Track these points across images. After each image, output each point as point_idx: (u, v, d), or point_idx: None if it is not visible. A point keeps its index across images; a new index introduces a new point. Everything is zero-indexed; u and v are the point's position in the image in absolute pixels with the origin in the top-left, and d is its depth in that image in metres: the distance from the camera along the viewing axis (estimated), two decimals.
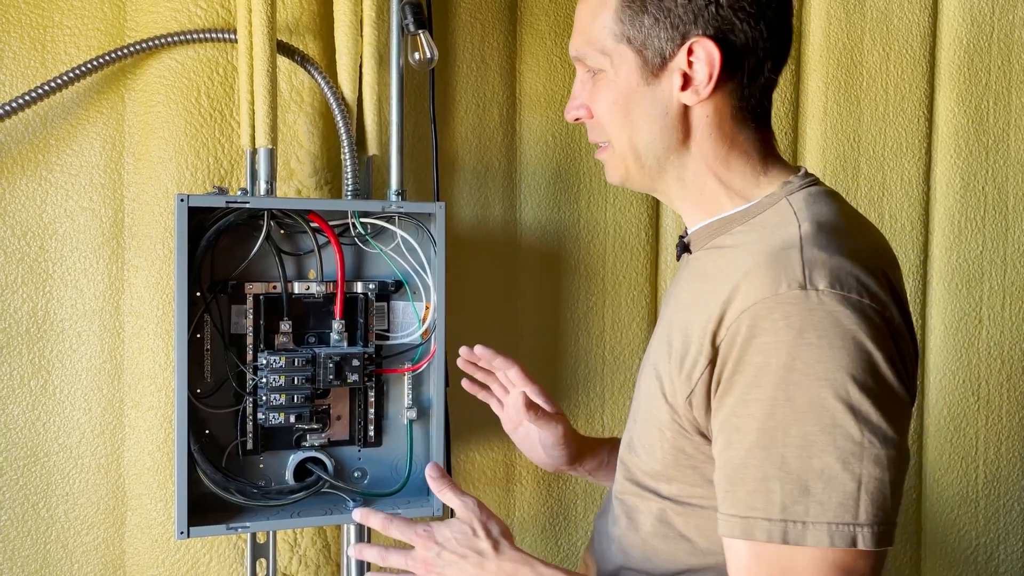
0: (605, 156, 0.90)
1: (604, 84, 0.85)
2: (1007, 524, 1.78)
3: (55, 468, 1.29)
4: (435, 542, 0.88)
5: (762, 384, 0.71)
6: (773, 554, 0.71)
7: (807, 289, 0.71)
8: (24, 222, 1.27)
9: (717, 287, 0.77)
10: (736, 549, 0.74)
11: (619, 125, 0.85)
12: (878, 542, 0.69)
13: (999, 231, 1.76)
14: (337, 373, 1.20)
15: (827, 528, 0.69)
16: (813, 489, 0.69)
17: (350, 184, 1.27)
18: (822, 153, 1.65)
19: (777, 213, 0.81)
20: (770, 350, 0.71)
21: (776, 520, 0.70)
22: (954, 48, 1.72)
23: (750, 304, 0.72)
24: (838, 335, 0.70)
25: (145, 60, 1.28)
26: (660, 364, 0.84)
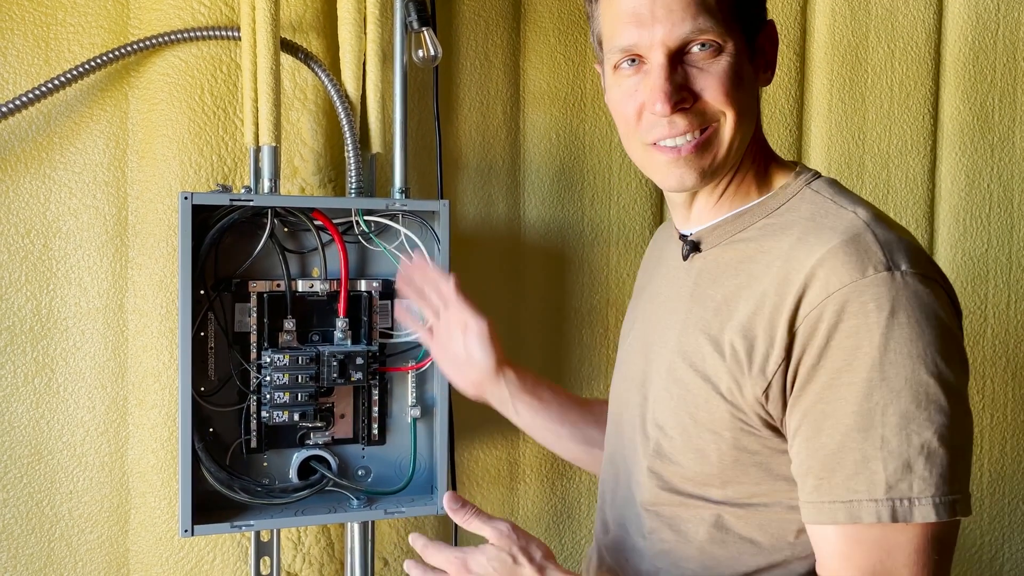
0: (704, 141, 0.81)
1: (723, 62, 0.80)
2: (1012, 523, 1.78)
3: (59, 466, 1.29)
4: (468, 570, 0.83)
5: (855, 367, 0.72)
6: (877, 535, 0.72)
7: (892, 271, 0.72)
8: (28, 220, 1.27)
9: (770, 277, 0.77)
10: (831, 537, 0.74)
11: (739, 100, 0.81)
12: (969, 508, 0.72)
13: (1004, 229, 1.75)
14: (341, 371, 1.20)
15: (931, 501, 0.70)
16: (915, 466, 0.70)
17: (354, 182, 1.27)
18: (827, 150, 1.65)
19: (807, 202, 0.82)
20: (862, 333, 0.71)
21: (883, 500, 0.71)
22: (959, 45, 1.71)
23: (834, 290, 0.73)
24: (924, 314, 0.72)
25: (148, 58, 1.28)
26: (707, 365, 0.81)
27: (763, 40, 0.85)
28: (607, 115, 1.54)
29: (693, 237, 0.89)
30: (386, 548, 1.44)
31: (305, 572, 1.35)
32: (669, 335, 0.88)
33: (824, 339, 0.73)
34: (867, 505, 0.71)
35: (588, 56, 1.53)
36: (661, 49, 0.79)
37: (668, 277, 0.94)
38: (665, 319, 0.90)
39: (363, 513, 1.24)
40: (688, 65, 0.80)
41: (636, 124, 0.83)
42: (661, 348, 0.89)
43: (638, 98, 0.81)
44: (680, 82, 0.79)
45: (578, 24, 1.52)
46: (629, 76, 0.82)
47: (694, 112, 0.80)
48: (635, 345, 0.97)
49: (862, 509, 0.72)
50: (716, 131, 0.81)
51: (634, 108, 0.82)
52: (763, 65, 0.85)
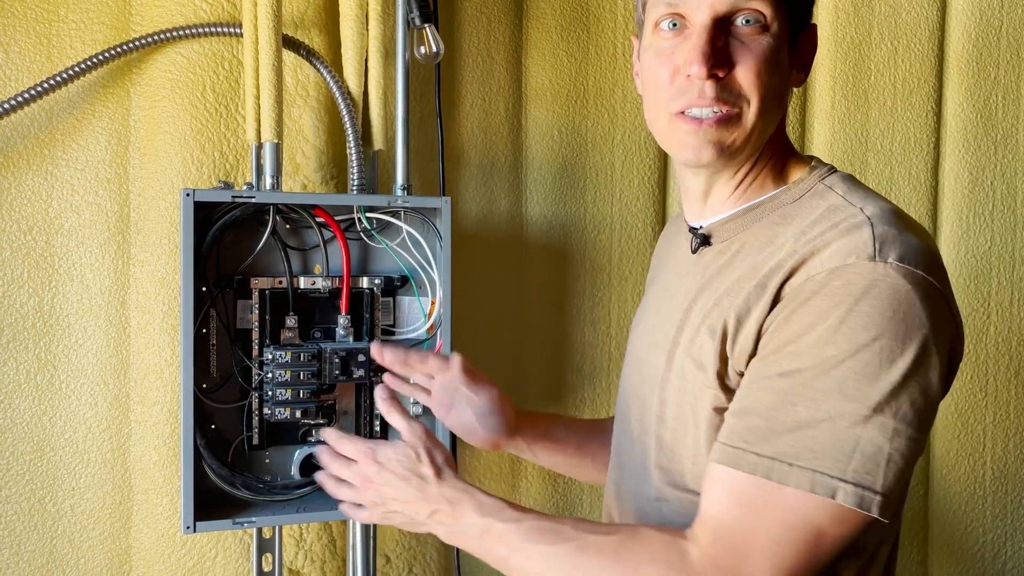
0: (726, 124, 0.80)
1: (766, 41, 0.79)
2: (1014, 520, 1.77)
3: (61, 463, 1.29)
4: (375, 460, 0.89)
5: (802, 340, 0.72)
6: (753, 490, 0.71)
7: (875, 261, 0.71)
8: (30, 217, 1.27)
9: (769, 268, 0.78)
10: (716, 478, 0.75)
11: (767, 88, 0.79)
12: (859, 501, 0.69)
13: (1008, 226, 1.75)
14: (343, 368, 1.20)
15: (811, 474, 0.69)
16: (810, 435, 0.70)
17: (356, 179, 1.27)
18: (830, 148, 1.65)
19: (819, 197, 0.82)
20: (821, 312, 0.72)
21: (765, 456, 0.71)
22: (963, 42, 1.71)
23: (815, 273, 0.73)
24: (893, 306, 0.70)
25: (150, 55, 1.28)
26: (704, 355, 0.81)
27: (803, 40, 0.85)
28: (609, 112, 1.54)
29: (704, 231, 0.89)
30: (388, 545, 1.44)
31: (307, 569, 1.35)
32: (672, 328, 0.88)
33: (790, 311, 0.74)
34: (749, 456, 0.72)
35: (590, 53, 1.53)
36: (708, 10, 0.78)
37: (677, 271, 0.94)
38: (672, 312, 0.90)
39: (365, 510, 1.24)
40: (731, 36, 0.79)
41: (667, 89, 0.81)
42: (666, 342, 0.89)
43: (674, 61, 0.80)
44: (721, 47, 0.78)
45: (580, 20, 1.52)
46: (668, 38, 0.81)
47: (724, 86, 0.79)
48: (643, 339, 0.97)
49: (744, 458, 0.72)
50: (740, 114, 0.80)
51: (668, 72, 0.81)
52: (798, 64, 0.85)
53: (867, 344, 0.70)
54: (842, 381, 0.70)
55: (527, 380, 1.51)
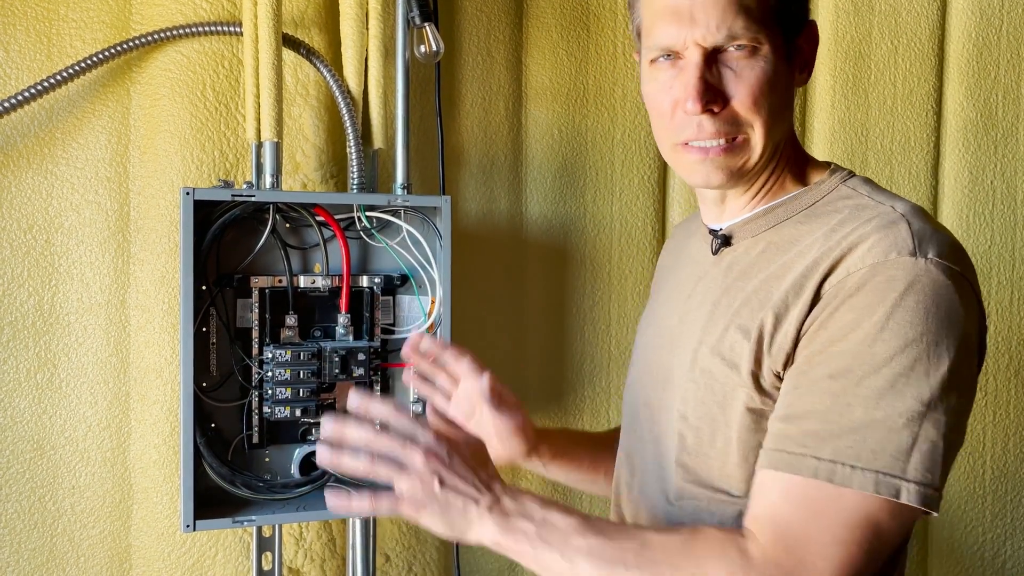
0: (733, 152, 0.82)
1: (758, 65, 0.80)
2: (1014, 520, 1.77)
3: (61, 461, 1.29)
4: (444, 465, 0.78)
5: (848, 338, 0.72)
6: (812, 493, 0.71)
7: (916, 256, 0.73)
8: (30, 216, 1.27)
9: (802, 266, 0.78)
10: (770, 484, 0.74)
11: (769, 109, 0.80)
12: (921, 499, 0.70)
13: (1008, 226, 1.75)
14: (343, 367, 1.20)
15: (874, 476, 0.70)
16: (870, 437, 0.70)
17: (355, 178, 1.27)
18: (830, 147, 1.64)
19: (844, 198, 0.82)
20: (865, 309, 0.72)
21: (825, 460, 0.71)
22: (963, 42, 1.71)
23: (856, 269, 0.74)
24: (936, 302, 0.72)
25: (150, 53, 1.28)
26: (735, 354, 0.81)
27: (803, 41, 0.85)
28: (609, 111, 1.54)
29: (724, 231, 0.89)
30: (388, 544, 1.44)
31: (307, 567, 1.35)
32: (696, 328, 0.87)
33: (832, 309, 0.74)
34: (809, 461, 0.72)
35: (590, 52, 1.53)
36: (697, 48, 0.79)
37: (695, 273, 0.94)
38: (692, 313, 0.90)
39: None
40: (723, 65, 0.80)
41: (670, 120, 0.83)
42: (687, 341, 0.88)
43: (673, 94, 0.82)
44: (713, 83, 0.80)
45: (580, 20, 1.52)
46: (665, 70, 0.83)
47: (723, 118, 0.80)
48: (656, 340, 0.96)
49: (804, 463, 0.72)
50: (747, 140, 0.82)
51: (669, 103, 0.83)
52: (800, 65, 0.86)
53: (915, 340, 0.71)
54: (894, 379, 0.71)
55: (527, 379, 1.51)
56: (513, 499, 0.78)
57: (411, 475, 0.77)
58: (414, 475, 0.77)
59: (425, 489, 0.76)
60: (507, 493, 0.79)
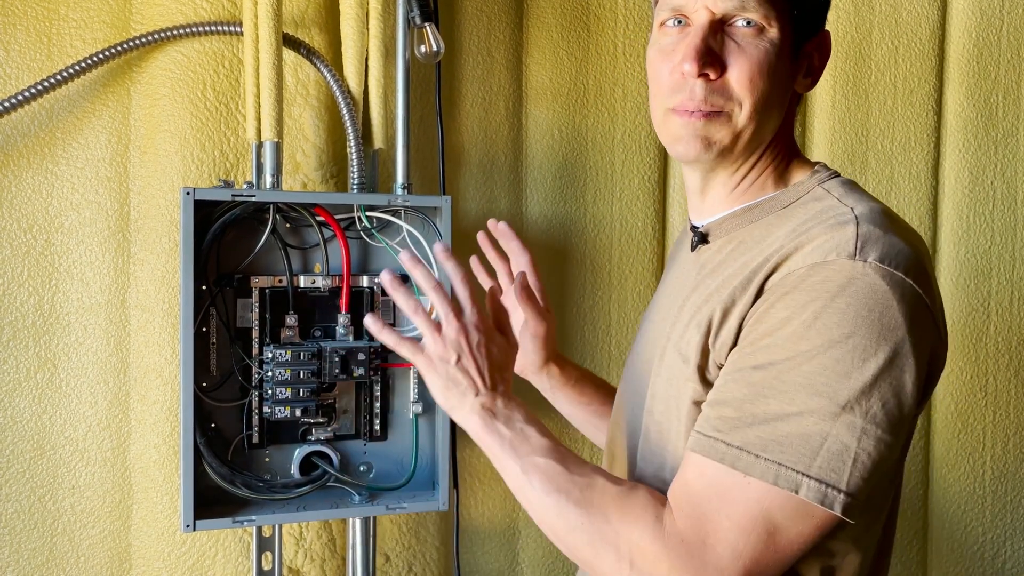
0: (714, 126, 0.81)
1: (761, 45, 0.80)
2: (1014, 520, 1.77)
3: (61, 461, 1.29)
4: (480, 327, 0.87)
5: (777, 333, 0.73)
6: (720, 477, 0.72)
7: (855, 259, 0.72)
8: (30, 215, 1.27)
9: (756, 265, 0.78)
10: (688, 463, 0.76)
11: (761, 94, 0.80)
12: (822, 498, 0.69)
13: (1008, 226, 1.75)
14: (343, 367, 1.20)
15: (775, 467, 0.70)
16: (778, 430, 0.71)
17: (356, 177, 1.27)
18: (830, 147, 1.64)
19: (814, 199, 0.83)
20: (798, 307, 0.72)
21: (733, 447, 0.72)
22: (963, 42, 1.71)
23: (796, 268, 0.74)
24: (869, 306, 0.70)
25: (151, 53, 1.28)
26: (690, 348, 0.82)
27: (812, 46, 0.85)
28: (609, 111, 1.54)
29: (702, 229, 0.90)
30: (388, 544, 1.44)
31: (307, 567, 1.35)
32: (667, 325, 0.89)
33: (769, 305, 0.75)
34: (719, 445, 0.73)
35: (591, 52, 1.53)
36: (706, 12, 0.80)
37: (678, 270, 0.96)
38: (667, 309, 0.91)
39: (365, 509, 1.24)
40: (728, 36, 0.80)
41: (665, 84, 0.83)
42: (660, 337, 0.90)
43: (674, 58, 0.82)
44: (714, 48, 0.80)
45: (581, 20, 1.52)
46: (671, 35, 0.83)
47: (715, 87, 0.80)
48: (644, 336, 0.98)
49: (714, 447, 0.73)
50: (730, 116, 0.81)
51: (668, 68, 0.83)
52: (805, 70, 0.86)
53: (839, 341, 0.70)
54: (813, 376, 0.70)
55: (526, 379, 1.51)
56: (505, 405, 0.85)
57: (438, 339, 0.85)
58: (439, 341, 0.85)
59: (441, 357, 0.85)
60: (503, 398, 0.85)
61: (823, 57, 0.87)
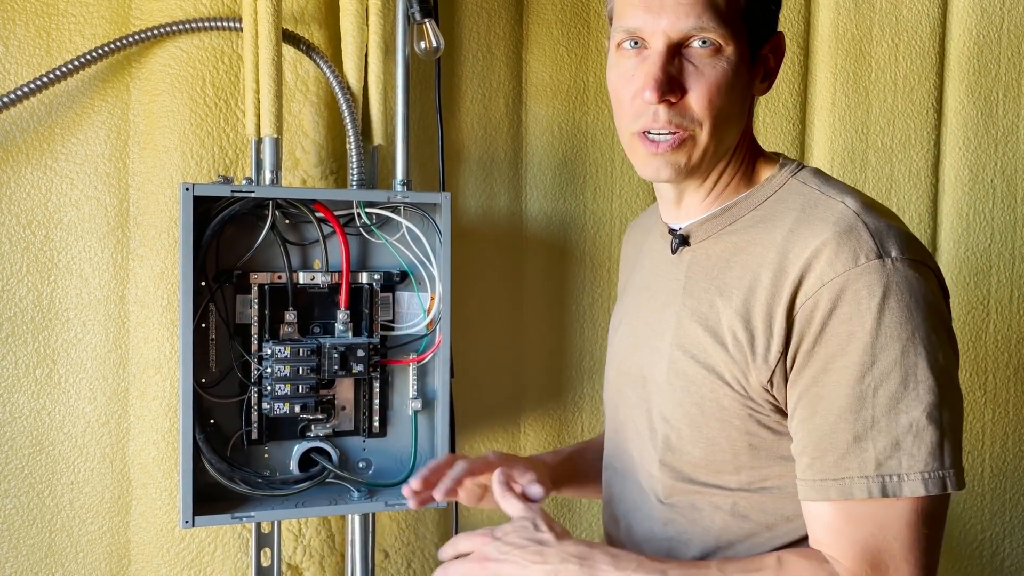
0: (679, 148, 0.83)
1: (720, 65, 0.81)
2: (1013, 519, 1.77)
3: (60, 457, 1.29)
4: (492, 536, 0.83)
5: (848, 352, 0.75)
6: (869, 510, 0.75)
7: (883, 258, 0.75)
8: (29, 211, 1.27)
9: (764, 268, 0.80)
10: (825, 513, 0.77)
11: (720, 111, 0.82)
12: (960, 482, 0.76)
13: (1008, 224, 1.75)
14: (342, 363, 1.20)
15: (920, 477, 0.74)
16: (904, 444, 0.74)
17: (355, 174, 1.27)
18: (830, 144, 1.64)
19: (795, 193, 0.84)
20: (854, 319, 0.75)
21: (873, 476, 0.74)
22: (964, 39, 1.70)
23: (829, 279, 0.76)
24: (914, 298, 0.75)
25: (150, 49, 1.28)
26: (708, 356, 0.83)
27: (768, 50, 0.87)
28: (609, 108, 1.53)
29: (682, 231, 0.90)
30: (387, 540, 1.44)
31: (306, 564, 1.35)
32: (665, 329, 0.89)
33: (820, 325, 0.76)
34: (858, 482, 0.75)
35: (591, 48, 1.53)
36: (663, 37, 0.81)
37: (655, 272, 0.95)
38: (657, 313, 0.91)
39: (364, 505, 1.24)
40: (686, 59, 0.82)
41: (628, 109, 0.85)
42: (657, 342, 0.89)
43: (634, 83, 0.83)
44: (673, 74, 0.81)
45: (581, 16, 1.52)
46: (630, 58, 0.84)
47: (677, 111, 0.82)
48: (626, 341, 0.98)
49: (854, 486, 0.75)
50: (692, 136, 0.83)
51: (629, 93, 0.84)
52: (762, 74, 0.87)
53: (909, 339, 0.74)
54: (905, 381, 0.74)
55: (526, 376, 1.51)
56: (580, 564, 0.79)
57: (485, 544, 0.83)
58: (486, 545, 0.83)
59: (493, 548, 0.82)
60: (570, 559, 0.79)
61: (778, 58, 0.89)
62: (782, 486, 0.83)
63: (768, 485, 0.84)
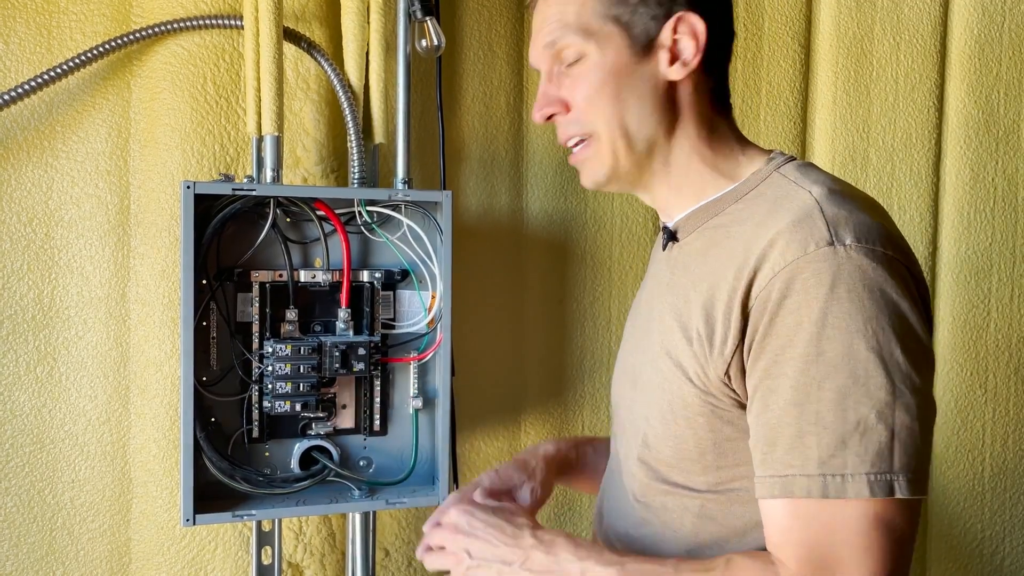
0: (587, 152, 0.87)
1: (588, 69, 0.84)
2: (1013, 517, 1.77)
3: (61, 455, 1.29)
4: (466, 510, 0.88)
5: (795, 343, 0.71)
6: (813, 510, 0.71)
7: (835, 245, 0.71)
8: (30, 209, 1.27)
9: (731, 261, 0.78)
10: (774, 511, 0.73)
11: (609, 108, 0.84)
12: (914, 489, 0.70)
13: (1008, 223, 1.75)
14: (343, 362, 1.20)
15: (866, 479, 0.69)
16: (850, 442, 0.70)
17: (356, 172, 1.27)
18: (831, 143, 1.64)
19: (773, 186, 0.82)
20: (802, 309, 0.71)
21: (815, 475, 0.70)
22: (965, 38, 1.70)
23: (779, 268, 0.73)
24: (866, 288, 0.70)
25: (151, 46, 1.28)
26: (678, 351, 0.82)
27: (665, 35, 0.84)
28: None
29: (672, 227, 0.91)
30: (387, 538, 1.44)
31: (306, 562, 1.35)
32: (652, 328, 0.89)
33: (771, 316, 0.73)
34: (800, 480, 0.71)
35: None
36: (539, 65, 0.89)
37: (652, 270, 0.97)
38: (649, 310, 0.92)
39: (364, 503, 1.24)
40: (561, 76, 0.87)
41: None
42: (647, 339, 0.90)
43: None
44: (553, 93, 0.87)
45: None
46: None
47: (568, 120, 0.87)
48: (627, 343, 0.99)
49: (795, 484, 0.71)
50: (593, 139, 0.86)
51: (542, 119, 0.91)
52: (669, 58, 0.84)
53: (859, 330, 0.70)
54: (853, 376, 0.70)
55: (527, 375, 1.51)
56: (547, 552, 0.82)
57: (446, 555, 0.88)
58: (448, 555, 0.87)
59: (460, 566, 0.86)
60: (540, 545, 0.83)
61: (691, 36, 0.84)
62: (749, 488, 0.80)
63: (735, 487, 0.82)
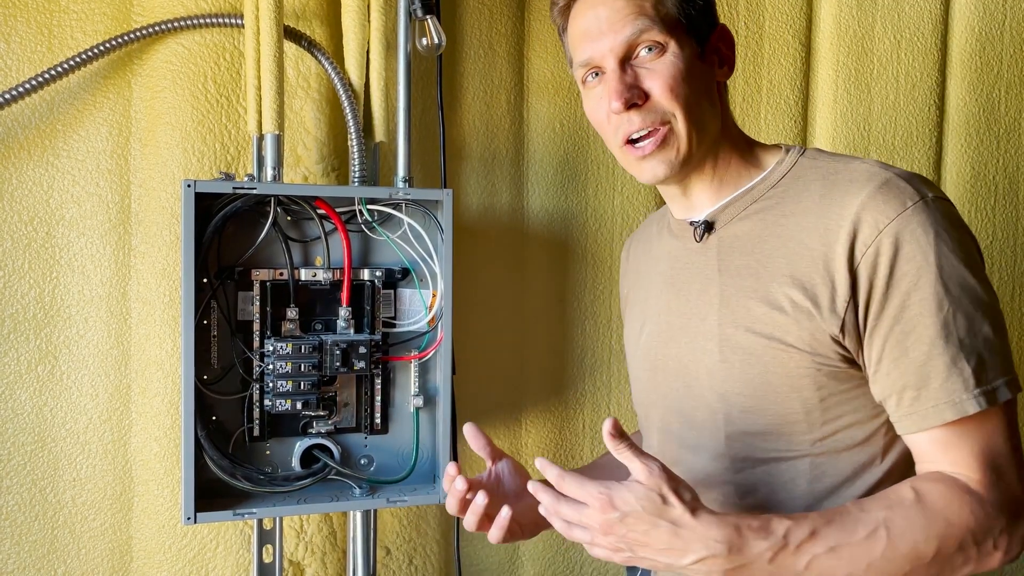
0: (663, 141, 0.90)
1: (668, 60, 0.89)
2: None
3: (62, 454, 1.29)
4: (614, 507, 0.77)
5: (920, 285, 0.81)
6: (977, 422, 0.81)
7: (924, 199, 0.83)
8: (31, 208, 1.27)
9: (808, 233, 0.86)
10: (937, 439, 0.82)
11: (689, 99, 0.89)
12: (1020, 384, 0.83)
13: (1009, 221, 1.75)
14: (344, 360, 1.20)
15: (1004, 383, 0.81)
16: (986, 356, 0.81)
17: (357, 171, 1.27)
18: (832, 141, 1.64)
19: (810, 169, 0.91)
20: (918, 255, 0.81)
21: (977, 393, 0.80)
22: (966, 36, 1.70)
23: (884, 225, 0.82)
24: (956, 228, 0.84)
25: (152, 45, 1.28)
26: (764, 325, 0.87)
27: (716, 41, 0.95)
28: None
29: (707, 218, 0.95)
30: (388, 537, 1.44)
31: (307, 560, 1.35)
32: (707, 312, 0.93)
33: (888, 268, 0.82)
34: (967, 399, 0.80)
35: None
36: (611, 56, 0.90)
37: (679, 266, 0.99)
38: (693, 301, 0.95)
39: (365, 502, 1.24)
40: (637, 67, 0.90)
41: (608, 127, 0.93)
42: (698, 328, 0.93)
43: (604, 104, 0.92)
44: (631, 82, 0.90)
45: None
46: (595, 87, 0.93)
47: (647, 110, 0.90)
48: (657, 338, 1.00)
49: (966, 403, 0.80)
50: (671, 129, 0.90)
51: (603, 113, 0.92)
52: (717, 62, 0.95)
53: (965, 263, 0.82)
54: (975, 303, 0.81)
55: (527, 373, 1.51)
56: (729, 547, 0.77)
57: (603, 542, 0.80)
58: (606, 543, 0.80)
59: (618, 555, 0.80)
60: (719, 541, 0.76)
61: (729, 45, 0.97)
62: (854, 435, 0.87)
63: (839, 438, 0.88)
